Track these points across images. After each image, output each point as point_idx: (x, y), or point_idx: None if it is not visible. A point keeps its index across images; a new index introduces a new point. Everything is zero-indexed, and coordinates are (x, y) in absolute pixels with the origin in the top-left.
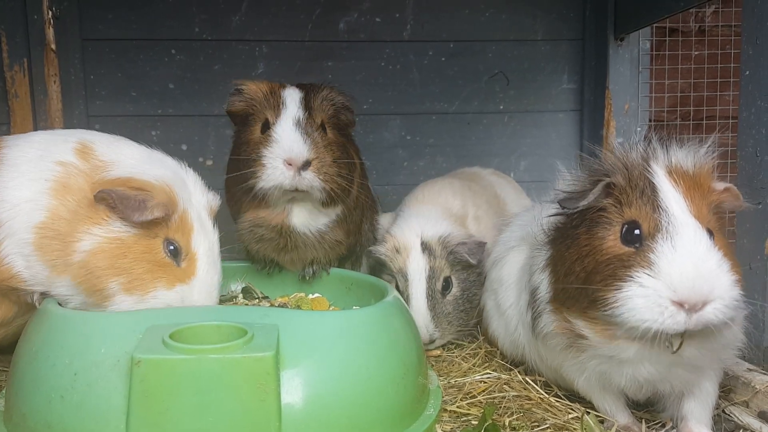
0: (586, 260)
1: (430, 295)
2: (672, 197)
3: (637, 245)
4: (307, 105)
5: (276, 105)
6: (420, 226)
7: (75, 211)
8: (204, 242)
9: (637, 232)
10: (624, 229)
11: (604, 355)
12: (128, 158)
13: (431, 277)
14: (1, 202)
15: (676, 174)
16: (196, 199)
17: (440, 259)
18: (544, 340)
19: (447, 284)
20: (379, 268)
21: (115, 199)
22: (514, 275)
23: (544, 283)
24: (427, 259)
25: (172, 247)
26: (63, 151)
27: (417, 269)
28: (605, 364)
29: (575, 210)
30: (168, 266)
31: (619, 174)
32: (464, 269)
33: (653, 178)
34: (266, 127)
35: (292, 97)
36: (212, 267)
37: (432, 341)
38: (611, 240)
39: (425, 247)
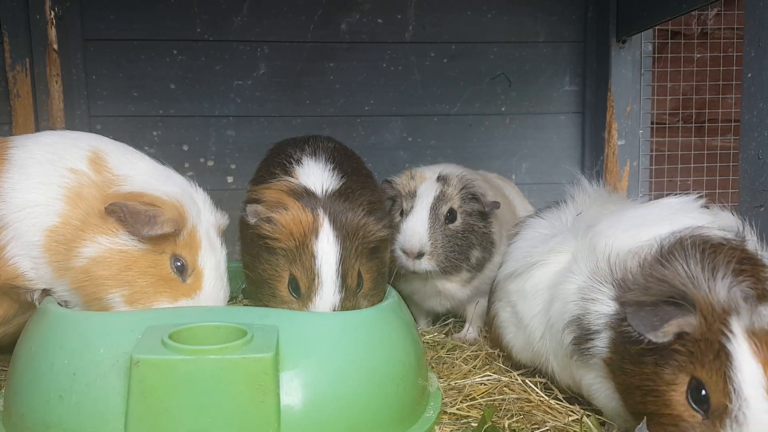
0: (648, 397)
1: (433, 213)
2: (749, 377)
3: (703, 412)
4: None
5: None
6: (440, 168)
7: (85, 218)
8: (211, 259)
9: (703, 393)
10: (692, 386)
11: None
12: (140, 173)
13: (439, 199)
14: (8, 204)
15: (758, 338)
16: (205, 217)
17: (452, 189)
18: (583, 358)
19: (452, 215)
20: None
21: (126, 213)
22: (541, 288)
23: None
24: (440, 186)
25: (179, 263)
26: (75, 158)
27: (427, 189)
28: None
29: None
30: (173, 281)
31: (697, 316)
32: (471, 214)
33: (730, 345)
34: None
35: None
36: (218, 283)
37: (420, 255)
38: (679, 393)
39: (440, 178)
